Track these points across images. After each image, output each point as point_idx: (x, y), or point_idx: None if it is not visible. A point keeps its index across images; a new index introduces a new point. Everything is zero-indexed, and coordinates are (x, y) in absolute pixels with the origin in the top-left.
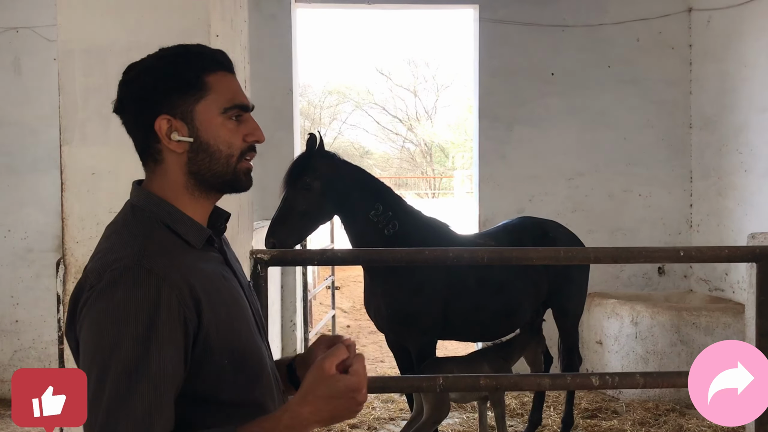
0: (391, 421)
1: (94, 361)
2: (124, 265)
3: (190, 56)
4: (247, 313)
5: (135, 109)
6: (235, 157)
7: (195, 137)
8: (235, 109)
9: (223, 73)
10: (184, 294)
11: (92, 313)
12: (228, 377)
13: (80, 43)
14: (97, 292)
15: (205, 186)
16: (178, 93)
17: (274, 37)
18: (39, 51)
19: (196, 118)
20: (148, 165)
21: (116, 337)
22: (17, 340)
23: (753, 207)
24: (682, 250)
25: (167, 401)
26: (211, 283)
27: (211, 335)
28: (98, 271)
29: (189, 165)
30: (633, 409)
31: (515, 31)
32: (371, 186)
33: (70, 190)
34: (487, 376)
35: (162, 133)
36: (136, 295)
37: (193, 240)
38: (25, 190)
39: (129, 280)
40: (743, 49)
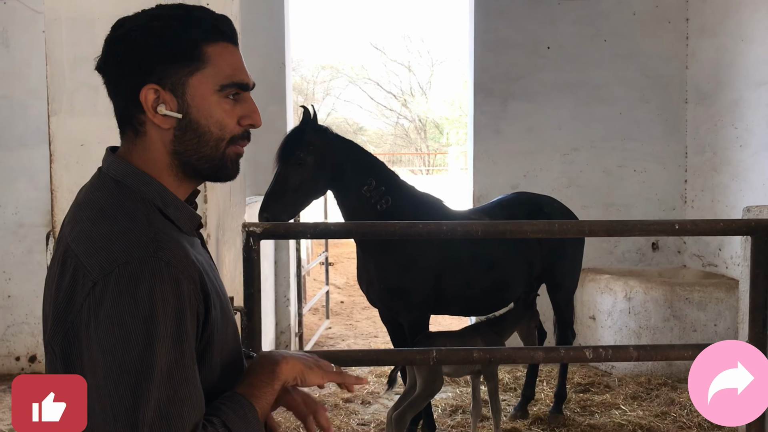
0: (385, 395)
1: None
2: (139, 258)
3: (191, 21)
4: (228, 302)
5: (119, 72)
6: (225, 141)
7: (184, 113)
8: (233, 87)
9: (225, 45)
10: (197, 288)
11: (111, 311)
12: (219, 370)
13: (67, 12)
14: (112, 287)
15: (188, 169)
16: (171, 61)
17: (266, 9)
18: (27, 23)
19: (188, 92)
20: (127, 134)
21: (147, 340)
22: (10, 315)
23: (747, 182)
24: (677, 223)
25: (201, 399)
26: (207, 276)
27: (214, 331)
28: (101, 265)
29: (174, 143)
30: (625, 383)
31: (510, 5)
32: (364, 161)
33: (58, 162)
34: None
35: (147, 105)
36: (161, 291)
37: (185, 226)
38: (15, 165)
39: (149, 274)
40: (740, 23)
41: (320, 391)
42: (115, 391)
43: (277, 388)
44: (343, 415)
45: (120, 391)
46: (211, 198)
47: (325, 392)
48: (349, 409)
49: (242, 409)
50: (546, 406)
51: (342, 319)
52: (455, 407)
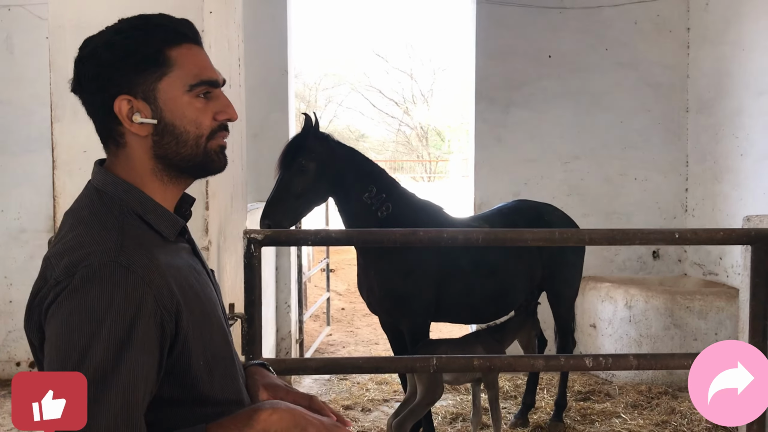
0: (385, 402)
1: (62, 363)
2: (99, 262)
3: (150, 28)
4: (218, 308)
5: (92, 89)
6: (204, 137)
7: (159, 118)
8: (202, 86)
9: (188, 46)
10: (163, 295)
11: (62, 312)
12: (204, 377)
13: (71, 19)
14: (68, 290)
15: (174, 171)
16: (138, 70)
17: (269, 16)
18: (31, 29)
19: (160, 97)
20: (110, 148)
21: (87, 341)
22: (11, 321)
23: (748, 191)
24: (677, 232)
25: (137, 410)
26: (186, 281)
27: (188, 337)
28: (67, 267)
29: (155, 149)
30: (626, 392)
31: (513, 13)
32: (366, 168)
33: (61, 168)
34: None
35: (123, 115)
36: (112, 295)
37: (166, 232)
38: (18, 171)
39: (105, 278)
40: (741, 32)
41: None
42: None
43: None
44: None
45: None
46: (212, 205)
47: (325, 399)
48: (349, 417)
49: None
50: (546, 414)
51: (343, 326)
52: (456, 415)
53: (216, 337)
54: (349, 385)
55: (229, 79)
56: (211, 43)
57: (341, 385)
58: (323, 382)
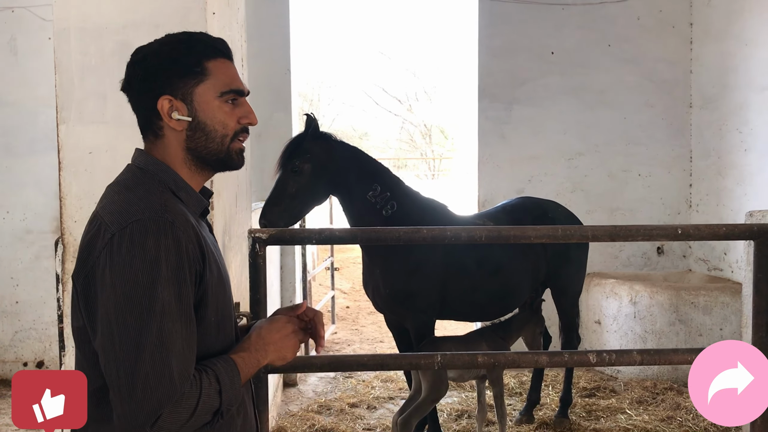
0: (390, 400)
1: (131, 302)
2: (150, 217)
3: (193, 43)
4: (228, 281)
5: (140, 89)
6: (229, 137)
7: (193, 117)
8: (231, 93)
9: (222, 60)
10: (196, 248)
11: (124, 256)
12: (213, 333)
13: (76, 21)
14: (127, 238)
15: (200, 162)
16: (180, 76)
17: (271, 16)
18: (35, 31)
19: (195, 99)
20: (149, 138)
21: (151, 280)
22: (18, 321)
23: (752, 186)
24: (680, 228)
25: (194, 334)
26: (208, 247)
27: (208, 290)
28: (119, 221)
29: (187, 142)
30: (631, 387)
31: (515, 10)
32: (369, 167)
33: (67, 169)
34: (485, 354)
35: (164, 112)
36: (165, 243)
37: (193, 208)
38: (24, 172)
39: (157, 229)
40: (744, 27)
41: (326, 397)
42: (124, 321)
43: (263, 364)
44: (348, 420)
45: (128, 321)
46: (217, 204)
47: (330, 397)
48: (354, 414)
49: (232, 373)
50: (551, 411)
51: (348, 324)
52: (461, 412)
53: (228, 302)
54: (354, 383)
55: None
56: None
57: (347, 383)
58: (328, 380)
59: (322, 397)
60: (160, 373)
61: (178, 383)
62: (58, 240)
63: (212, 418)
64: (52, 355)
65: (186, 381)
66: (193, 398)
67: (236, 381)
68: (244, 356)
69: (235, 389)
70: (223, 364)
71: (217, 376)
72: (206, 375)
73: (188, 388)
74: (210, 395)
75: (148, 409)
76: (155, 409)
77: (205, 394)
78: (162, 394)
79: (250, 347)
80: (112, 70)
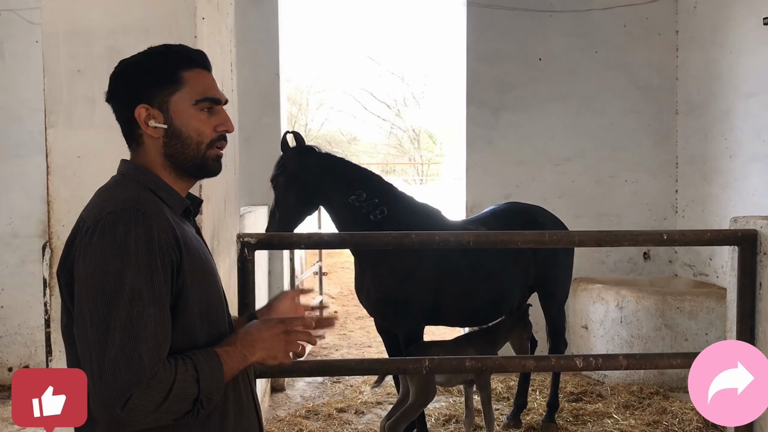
0: (378, 405)
1: (102, 289)
2: (122, 208)
3: (170, 54)
4: (218, 277)
5: (121, 99)
6: (204, 144)
7: (169, 124)
8: (206, 102)
9: (198, 70)
10: (169, 236)
11: (95, 247)
12: (198, 324)
13: (65, 25)
14: (99, 229)
15: (178, 168)
16: (156, 85)
17: (260, 21)
18: (22, 35)
19: (171, 108)
20: (132, 146)
21: (121, 266)
22: (2, 326)
23: (737, 192)
24: (666, 234)
25: (168, 322)
26: (188, 239)
27: (187, 280)
28: (95, 216)
29: (164, 148)
30: (618, 392)
31: (503, 16)
32: (349, 174)
33: (55, 174)
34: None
35: (141, 120)
36: (136, 231)
37: (174, 206)
38: (9, 176)
39: (128, 219)
40: (729, 35)
41: (314, 402)
42: (94, 305)
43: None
44: (336, 425)
45: (98, 305)
46: (205, 209)
47: (318, 402)
48: (342, 419)
49: (213, 363)
50: (539, 416)
51: (335, 329)
52: (448, 417)
53: (214, 295)
54: (342, 387)
55: (221, 84)
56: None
57: (334, 388)
58: (316, 385)
59: (310, 402)
60: (129, 355)
61: (148, 365)
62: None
63: (192, 407)
64: (37, 360)
65: (157, 363)
66: (166, 382)
67: (217, 372)
68: (229, 350)
69: (215, 380)
70: (204, 354)
71: (195, 364)
72: (183, 362)
73: (161, 371)
74: (186, 381)
75: (117, 391)
76: (124, 390)
77: (179, 379)
78: (131, 376)
79: (236, 342)
80: (101, 75)
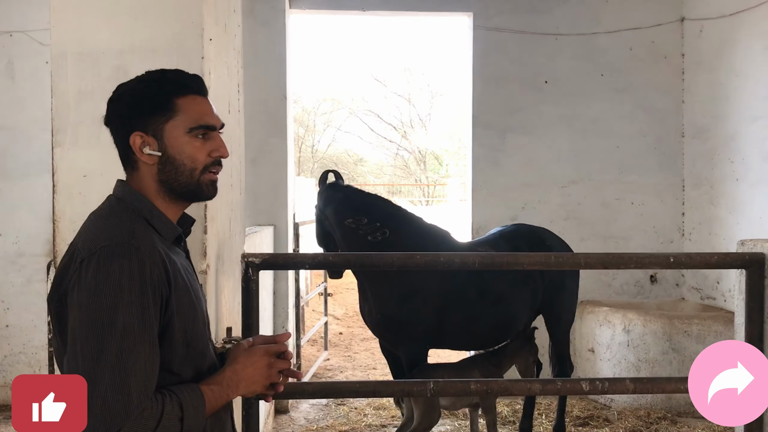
0: (383, 428)
1: (94, 323)
2: (117, 243)
3: (165, 81)
4: (202, 303)
5: (117, 125)
6: (198, 171)
7: (163, 152)
8: (200, 129)
9: (193, 97)
10: (161, 272)
11: (89, 281)
12: (180, 351)
13: (73, 46)
14: (93, 263)
15: (173, 193)
16: (151, 113)
17: (268, 42)
18: (32, 55)
19: (165, 135)
20: (128, 170)
21: (113, 302)
22: (7, 345)
23: (744, 216)
24: (672, 257)
25: (158, 356)
26: (177, 272)
27: (174, 312)
28: (90, 248)
29: (159, 174)
30: (625, 417)
31: (509, 39)
32: (352, 201)
33: (61, 193)
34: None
35: (136, 147)
36: (129, 267)
37: (166, 235)
38: (17, 195)
39: (121, 254)
40: (735, 58)
41: (318, 424)
42: (86, 339)
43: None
44: None
45: (90, 339)
46: (210, 228)
47: (322, 425)
48: None
49: (197, 402)
50: None
51: (340, 351)
52: None
53: (199, 326)
54: (346, 410)
55: (228, 105)
56: (211, 69)
57: (339, 411)
58: (320, 407)
59: (313, 425)
60: (118, 390)
61: (137, 400)
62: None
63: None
64: None
65: (145, 399)
66: (153, 419)
67: (200, 411)
68: (214, 389)
69: (198, 419)
70: (190, 392)
71: (180, 403)
72: (169, 399)
73: (149, 407)
74: (171, 420)
75: (105, 424)
76: (112, 424)
77: (166, 418)
78: (119, 411)
79: (222, 381)
80: (108, 95)
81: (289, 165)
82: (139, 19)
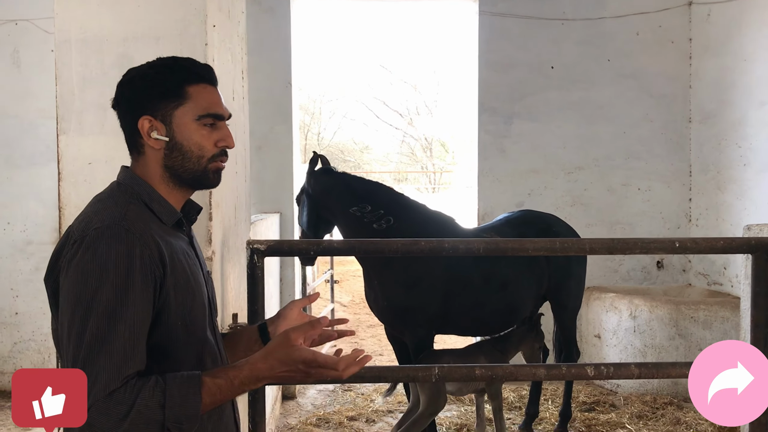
0: (389, 413)
1: (79, 303)
2: (106, 225)
3: (177, 68)
4: (203, 288)
5: (125, 108)
6: (205, 159)
7: (171, 137)
8: (209, 117)
9: (203, 85)
10: (153, 253)
11: (78, 262)
12: (180, 336)
13: (77, 33)
14: (83, 245)
15: (177, 179)
16: (161, 98)
17: (272, 29)
18: (38, 44)
19: (174, 121)
20: (133, 154)
21: (98, 283)
22: (17, 332)
23: (751, 201)
24: (678, 242)
25: (140, 342)
26: (175, 254)
27: (170, 294)
28: (82, 229)
29: (165, 160)
30: (631, 402)
31: (515, 25)
32: (355, 188)
33: (66, 180)
34: (483, 366)
35: (144, 131)
36: (117, 249)
37: (165, 219)
38: (24, 183)
39: (110, 236)
40: (742, 43)
41: (325, 410)
42: (71, 317)
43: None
44: None
45: (74, 318)
46: (216, 215)
47: (329, 410)
48: (353, 427)
49: (187, 391)
50: (551, 425)
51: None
52: (460, 426)
53: (198, 310)
54: (353, 396)
55: (232, 92)
56: (215, 56)
57: (345, 396)
58: (327, 393)
59: (320, 410)
60: (89, 371)
61: (104, 382)
62: None
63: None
64: (50, 366)
65: (115, 381)
66: (123, 404)
67: (191, 400)
68: (220, 383)
69: (188, 408)
70: (182, 380)
71: (165, 388)
72: (152, 384)
73: (120, 392)
74: (149, 406)
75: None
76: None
77: (140, 403)
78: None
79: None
80: (112, 82)
81: (295, 152)
82: (142, 6)
